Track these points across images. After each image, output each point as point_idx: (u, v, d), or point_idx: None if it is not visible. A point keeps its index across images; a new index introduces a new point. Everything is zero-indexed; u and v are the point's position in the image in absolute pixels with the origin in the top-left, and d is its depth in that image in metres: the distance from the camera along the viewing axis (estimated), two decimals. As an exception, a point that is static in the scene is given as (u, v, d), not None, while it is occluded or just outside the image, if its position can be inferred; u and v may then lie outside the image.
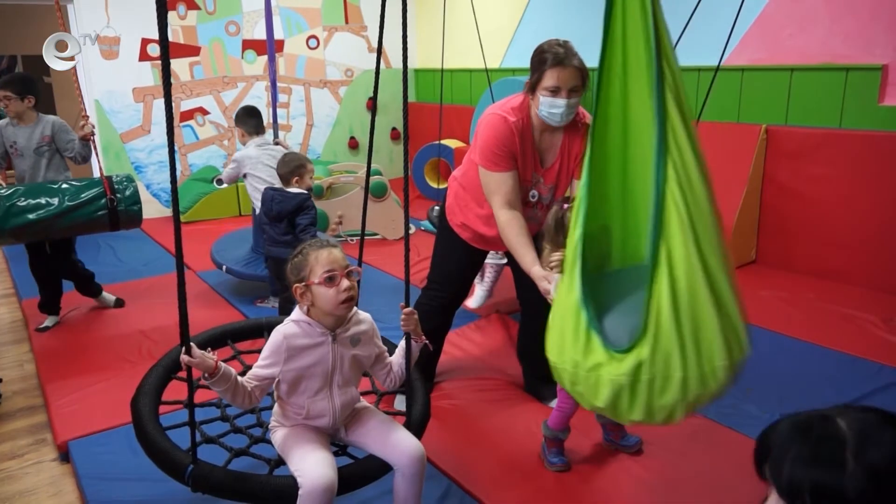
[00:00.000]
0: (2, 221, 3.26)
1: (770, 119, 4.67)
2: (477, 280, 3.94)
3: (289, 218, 3.51)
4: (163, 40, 1.48)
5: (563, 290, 1.85)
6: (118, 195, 3.52)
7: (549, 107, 2.42)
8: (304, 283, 1.85)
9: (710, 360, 1.65)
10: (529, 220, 2.60)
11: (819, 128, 4.41)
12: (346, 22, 7.56)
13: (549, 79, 2.38)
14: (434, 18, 7.40)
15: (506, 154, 2.49)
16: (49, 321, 3.94)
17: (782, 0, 4.53)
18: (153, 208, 6.70)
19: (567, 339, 1.78)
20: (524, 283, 2.93)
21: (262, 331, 2.49)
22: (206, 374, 1.76)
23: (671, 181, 1.65)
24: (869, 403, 2.88)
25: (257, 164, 4.04)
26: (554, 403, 2.92)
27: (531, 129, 2.53)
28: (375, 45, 7.65)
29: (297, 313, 1.91)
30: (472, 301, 3.96)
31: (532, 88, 2.46)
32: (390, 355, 2.10)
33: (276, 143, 4.27)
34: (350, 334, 1.94)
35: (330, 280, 1.82)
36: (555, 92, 2.39)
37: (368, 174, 2.45)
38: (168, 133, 1.56)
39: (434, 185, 6.82)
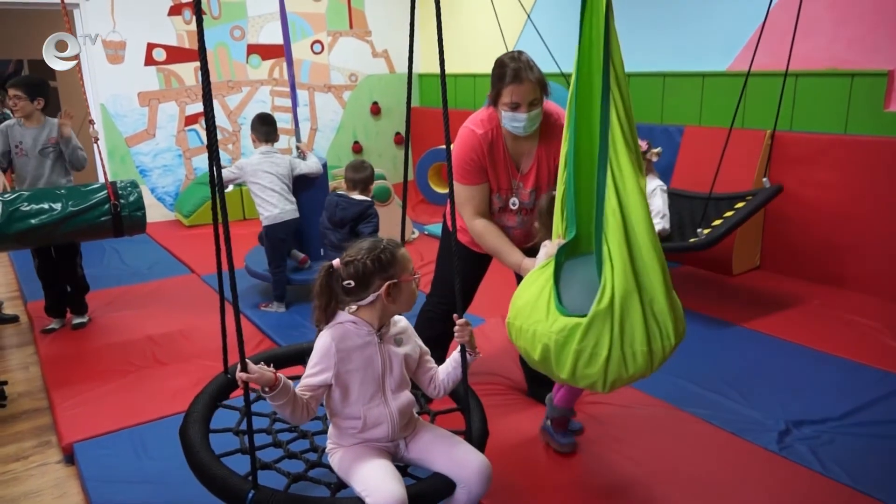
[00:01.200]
0: (4, 226, 3.26)
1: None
2: None
3: (350, 225, 3.56)
4: (205, 83, 1.48)
5: (539, 268, 2.12)
6: (122, 200, 3.53)
7: (511, 120, 2.44)
8: (395, 280, 1.85)
9: (632, 345, 1.91)
10: (518, 227, 2.66)
11: (824, 133, 4.41)
12: (351, 27, 7.58)
13: (507, 95, 2.39)
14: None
15: (474, 168, 2.52)
16: (55, 323, 3.95)
17: (787, 6, 4.53)
18: (158, 212, 6.73)
19: (528, 302, 2.06)
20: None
21: (303, 357, 2.44)
22: (266, 388, 1.72)
23: (610, 189, 1.94)
24: (873, 411, 2.89)
25: (257, 171, 4.05)
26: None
27: (502, 137, 2.54)
28: (380, 49, 7.70)
29: (341, 316, 1.89)
30: None
31: (494, 103, 2.47)
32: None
33: (298, 147, 4.29)
34: (393, 333, 1.95)
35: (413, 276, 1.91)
36: (514, 107, 2.40)
37: (405, 179, 2.44)
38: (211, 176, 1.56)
39: (438, 190, 6.83)
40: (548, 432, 2.61)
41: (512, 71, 2.38)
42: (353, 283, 1.83)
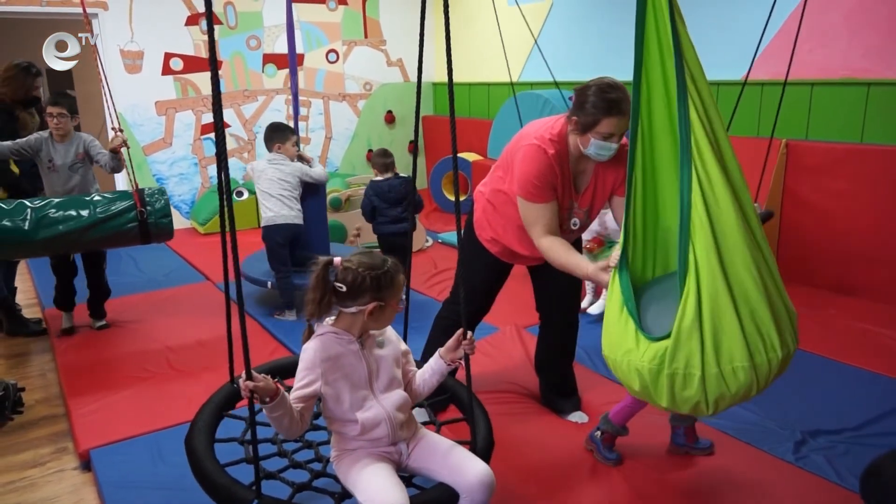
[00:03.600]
0: (32, 232, 3.31)
1: (790, 134, 4.65)
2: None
3: (408, 198, 4.09)
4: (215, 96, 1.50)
5: (610, 296, 2.04)
6: (148, 207, 3.58)
7: (600, 148, 2.40)
8: (383, 303, 1.87)
9: (731, 361, 1.79)
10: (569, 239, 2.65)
11: (840, 143, 4.38)
12: (366, 36, 7.63)
13: (607, 126, 2.35)
14: (452, 32, 7.45)
15: (546, 186, 2.48)
16: (65, 321, 4.02)
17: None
18: (174, 220, 6.76)
19: (613, 332, 1.98)
20: (543, 295, 2.93)
21: (292, 371, 2.47)
22: (267, 399, 1.71)
23: (696, 193, 1.79)
24: (889, 421, 2.86)
25: (261, 176, 4.10)
26: (572, 417, 2.93)
27: (568, 157, 2.52)
28: (394, 58, 7.74)
29: (322, 327, 1.92)
30: (594, 308, 4.10)
31: (584, 130, 2.40)
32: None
33: (300, 156, 4.29)
34: (373, 336, 1.98)
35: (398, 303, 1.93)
36: (608, 137, 2.38)
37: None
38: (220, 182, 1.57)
39: (451, 198, 6.84)
40: (594, 442, 2.61)
41: (614, 102, 2.32)
42: (344, 289, 1.84)
